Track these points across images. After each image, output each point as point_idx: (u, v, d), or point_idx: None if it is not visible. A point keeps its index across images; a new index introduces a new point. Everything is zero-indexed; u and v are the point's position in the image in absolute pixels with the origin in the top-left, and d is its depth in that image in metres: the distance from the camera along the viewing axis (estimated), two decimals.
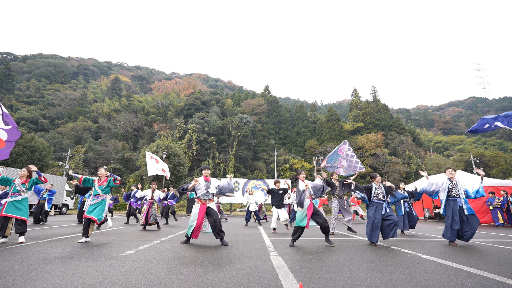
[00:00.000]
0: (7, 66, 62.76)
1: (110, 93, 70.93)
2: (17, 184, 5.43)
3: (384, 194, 5.63)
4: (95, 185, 5.68)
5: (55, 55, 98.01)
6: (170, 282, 2.58)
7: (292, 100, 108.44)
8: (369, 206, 5.76)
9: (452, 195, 5.51)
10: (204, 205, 5.26)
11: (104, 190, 5.66)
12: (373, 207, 5.60)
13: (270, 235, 6.90)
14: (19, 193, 5.39)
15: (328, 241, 5.20)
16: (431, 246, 5.26)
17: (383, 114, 56.59)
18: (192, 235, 5.15)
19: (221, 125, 45.93)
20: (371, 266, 3.37)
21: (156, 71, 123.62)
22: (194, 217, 5.17)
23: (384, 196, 5.62)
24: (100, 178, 5.79)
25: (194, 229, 5.12)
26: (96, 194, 5.61)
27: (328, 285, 2.55)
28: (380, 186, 5.72)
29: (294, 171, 44.12)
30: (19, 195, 5.38)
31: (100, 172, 5.78)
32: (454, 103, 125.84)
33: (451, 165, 43.66)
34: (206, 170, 5.48)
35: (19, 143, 24.06)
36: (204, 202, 5.28)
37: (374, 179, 5.81)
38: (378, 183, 5.77)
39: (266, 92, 63.83)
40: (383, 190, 5.68)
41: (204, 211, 5.22)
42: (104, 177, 5.77)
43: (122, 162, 41.39)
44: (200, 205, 5.26)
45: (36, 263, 3.34)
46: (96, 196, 5.61)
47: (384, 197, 5.60)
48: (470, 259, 3.90)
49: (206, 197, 5.28)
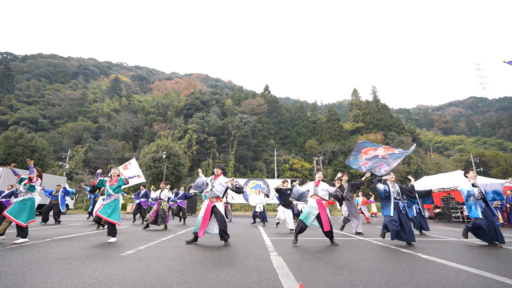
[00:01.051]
0: (7, 66, 62.76)
1: (110, 93, 70.91)
2: (21, 185, 5.46)
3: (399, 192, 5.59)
4: (107, 185, 5.75)
5: (55, 55, 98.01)
6: (170, 282, 2.58)
7: (292, 100, 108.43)
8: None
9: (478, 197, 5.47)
10: (211, 202, 5.24)
11: (115, 189, 5.73)
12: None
13: (270, 235, 6.90)
14: (21, 194, 5.41)
15: (332, 243, 5.24)
16: (431, 246, 5.26)
17: (383, 114, 56.58)
18: (199, 233, 5.13)
19: (221, 125, 45.92)
20: (371, 266, 3.37)
21: (156, 71, 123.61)
22: (201, 214, 5.23)
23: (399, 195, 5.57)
24: (112, 178, 5.86)
25: (200, 227, 5.12)
26: (108, 194, 5.70)
27: (328, 285, 2.55)
28: (394, 185, 5.67)
29: (294, 171, 44.01)
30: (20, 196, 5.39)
31: (113, 172, 5.87)
32: (454, 103, 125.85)
33: (451, 165, 43.67)
34: (216, 168, 5.44)
35: (19, 143, 24.05)
36: (211, 200, 5.26)
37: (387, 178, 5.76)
38: (392, 182, 5.70)
39: (266, 92, 63.82)
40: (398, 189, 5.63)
41: (210, 209, 5.21)
42: (116, 177, 5.85)
43: (122, 162, 41.28)
44: (207, 202, 5.27)
45: (36, 263, 3.34)
46: (108, 196, 5.70)
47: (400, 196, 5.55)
48: (470, 259, 3.90)
49: (211, 195, 5.26)
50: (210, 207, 5.22)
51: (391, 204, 5.41)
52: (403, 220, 5.28)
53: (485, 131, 77.64)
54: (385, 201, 5.55)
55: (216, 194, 5.24)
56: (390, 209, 5.37)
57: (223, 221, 5.15)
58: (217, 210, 5.21)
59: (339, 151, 45.54)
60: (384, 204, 5.56)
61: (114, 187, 5.73)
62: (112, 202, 5.66)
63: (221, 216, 5.16)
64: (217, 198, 5.26)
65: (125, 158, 41.49)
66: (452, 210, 13.78)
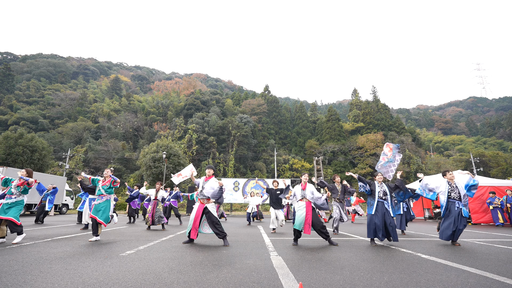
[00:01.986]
0: (7, 66, 62.76)
1: (110, 93, 70.92)
2: (13, 187, 5.38)
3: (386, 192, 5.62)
4: (99, 185, 5.80)
5: (55, 55, 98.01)
6: (170, 282, 2.58)
7: (292, 100, 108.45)
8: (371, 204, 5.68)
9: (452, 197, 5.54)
10: (202, 204, 5.23)
11: (107, 190, 5.78)
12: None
13: (270, 235, 6.90)
14: (12, 195, 5.32)
15: (331, 243, 5.25)
16: (431, 246, 5.26)
17: (383, 114, 56.58)
18: (191, 234, 5.13)
19: (221, 125, 45.93)
20: (371, 266, 3.37)
21: (156, 71, 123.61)
22: (192, 216, 5.20)
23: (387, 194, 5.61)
24: (105, 178, 5.93)
25: (192, 228, 5.11)
26: (100, 194, 5.73)
27: (328, 285, 2.55)
28: (382, 185, 5.71)
29: (294, 171, 43.97)
30: (13, 197, 5.31)
31: (106, 172, 5.92)
32: (454, 103, 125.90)
33: (451, 165, 43.68)
34: (208, 169, 5.43)
35: (19, 143, 24.04)
36: (202, 201, 5.25)
37: (375, 177, 5.85)
38: (380, 182, 5.75)
39: (266, 92, 63.84)
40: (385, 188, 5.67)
41: (201, 210, 5.18)
42: (109, 177, 5.91)
43: (122, 162, 41.39)
44: (198, 204, 5.26)
45: (36, 263, 3.34)
46: (100, 196, 5.73)
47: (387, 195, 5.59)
48: (470, 259, 3.90)
49: (201, 196, 5.25)
50: (202, 208, 5.19)
51: (374, 203, 5.50)
52: (387, 219, 5.32)
53: (485, 131, 77.67)
54: (371, 199, 5.63)
55: (207, 196, 5.18)
56: (372, 208, 5.48)
57: (216, 222, 5.10)
58: (209, 212, 5.17)
59: (339, 151, 45.55)
60: (369, 203, 5.68)
61: (107, 187, 5.78)
62: (104, 202, 5.71)
63: (214, 218, 5.11)
64: (207, 199, 5.23)
65: (125, 158, 41.53)
66: None
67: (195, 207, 5.28)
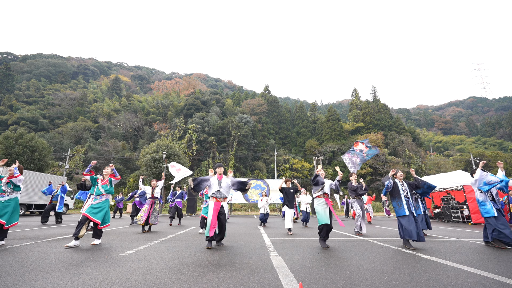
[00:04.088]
0: (7, 66, 62.76)
1: (110, 93, 70.94)
2: (3, 184, 5.06)
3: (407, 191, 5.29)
4: (98, 184, 5.37)
5: (55, 55, 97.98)
6: (170, 282, 2.58)
7: (292, 100, 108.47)
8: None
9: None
10: (219, 202, 5.05)
11: (107, 189, 5.39)
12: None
13: (270, 235, 6.90)
14: (4, 193, 5.05)
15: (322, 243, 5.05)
16: (431, 246, 5.26)
17: (383, 114, 56.59)
18: (210, 233, 4.82)
19: (221, 125, 45.93)
20: (371, 266, 3.37)
21: (156, 71, 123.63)
22: (210, 215, 4.95)
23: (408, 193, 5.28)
24: (104, 177, 5.49)
25: (211, 227, 4.85)
26: (98, 194, 5.28)
27: (328, 285, 2.55)
28: (403, 183, 5.40)
29: (294, 171, 43.90)
30: (5, 195, 5.05)
31: (105, 170, 5.50)
32: (454, 103, 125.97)
33: (451, 165, 43.67)
34: (219, 168, 5.22)
35: (19, 143, 24.05)
36: (218, 199, 5.08)
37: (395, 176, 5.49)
38: (401, 179, 5.43)
39: (266, 92, 63.85)
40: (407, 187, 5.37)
41: (218, 208, 5.00)
42: (108, 176, 5.49)
43: (122, 162, 41.39)
44: (215, 202, 5.04)
45: (36, 263, 3.34)
46: (99, 196, 5.29)
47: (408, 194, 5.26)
48: (470, 259, 3.90)
49: (219, 195, 5.10)
50: (218, 206, 5.02)
51: (403, 203, 5.07)
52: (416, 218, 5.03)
53: (485, 131, 77.67)
54: (397, 200, 5.18)
55: (225, 195, 5.12)
56: (403, 208, 5.04)
57: (223, 224, 5.12)
58: (223, 210, 5.12)
59: (339, 151, 45.52)
60: (396, 204, 5.21)
61: (108, 186, 5.40)
62: (102, 202, 5.28)
63: (223, 218, 5.12)
64: (224, 198, 5.16)
65: (125, 158, 41.52)
66: (452, 210, 13.78)
67: (211, 206, 5.02)
